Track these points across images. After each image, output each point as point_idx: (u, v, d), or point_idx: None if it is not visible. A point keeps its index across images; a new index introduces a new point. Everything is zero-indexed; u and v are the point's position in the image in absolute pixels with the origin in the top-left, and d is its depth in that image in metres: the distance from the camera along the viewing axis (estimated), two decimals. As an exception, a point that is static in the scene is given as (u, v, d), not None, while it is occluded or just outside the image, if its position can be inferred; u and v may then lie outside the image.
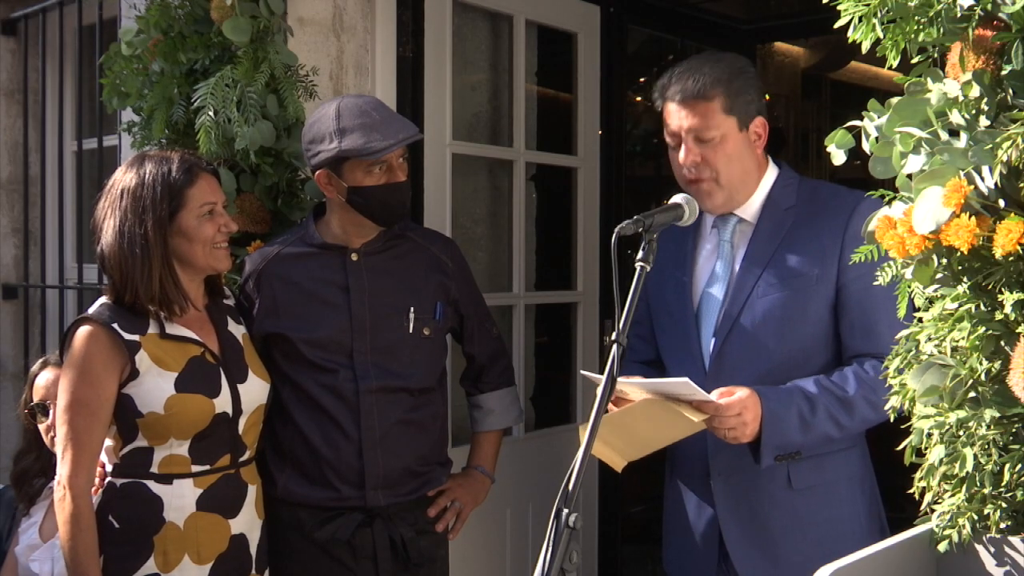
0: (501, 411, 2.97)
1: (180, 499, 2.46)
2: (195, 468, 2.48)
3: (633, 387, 2.25)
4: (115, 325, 2.44)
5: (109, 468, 2.51)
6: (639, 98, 6.23)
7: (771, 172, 2.54)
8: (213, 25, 2.99)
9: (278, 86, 2.98)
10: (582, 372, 2.43)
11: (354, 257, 2.72)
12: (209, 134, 2.85)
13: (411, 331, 2.72)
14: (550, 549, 1.73)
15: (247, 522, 2.56)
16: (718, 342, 2.46)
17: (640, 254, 2.05)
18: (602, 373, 1.89)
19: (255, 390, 2.59)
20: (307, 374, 2.69)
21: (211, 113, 2.86)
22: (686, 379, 2.16)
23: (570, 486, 1.78)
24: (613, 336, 1.93)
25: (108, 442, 2.49)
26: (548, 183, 4.31)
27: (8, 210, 4.45)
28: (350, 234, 2.74)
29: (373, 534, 2.71)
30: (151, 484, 2.47)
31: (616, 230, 2.07)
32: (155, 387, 2.44)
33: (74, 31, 4.11)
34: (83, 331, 2.45)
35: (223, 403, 2.50)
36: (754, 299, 2.43)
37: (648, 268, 2.02)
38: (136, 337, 2.46)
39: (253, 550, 2.58)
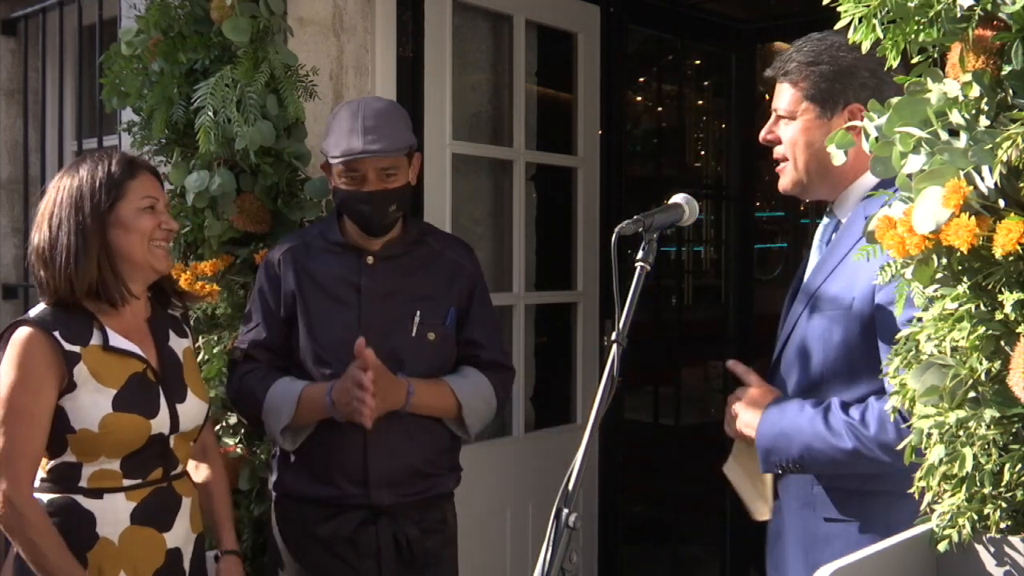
0: (470, 386, 2.77)
1: (113, 513, 2.35)
2: (126, 482, 2.36)
3: None
4: (56, 333, 2.31)
5: (36, 484, 2.36)
6: (639, 98, 6.22)
7: None
8: (213, 25, 2.99)
9: (278, 86, 2.98)
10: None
11: (370, 260, 2.72)
12: (209, 134, 2.85)
13: (414, 335, 2.72)
14: (550, 549, 1.73)
15: (182, 536, 2.46)
16: (779, 347, 2.41)
17: (640, 254, 2.05)
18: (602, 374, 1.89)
19: (193, 410, 2.48)
20: (316, 367, 2.71)
21: (211, 113, 2.86)
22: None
23: (570, 486, 1.78)
24: (613, 336, 1.93)
25: None
26: (548, 183, 4.31)
27: (8, 210, 4.45)
28: (361, 236, 2.74)
29: (377, 532, 2.71)
30: (81, 499, 2.34)
31: (616, 230, 2.06)
32: (91, 403, 2.32)
33: (74, 31, 4.11)
34: (23, 334, 2.31)
35: (160, 424, 2.39)
36: (809, 311, 2.34)
37: (648, 268, 2.02)
38: (77, 348, 2.33)
39: (187, 564, 2.48)
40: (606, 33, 4.24)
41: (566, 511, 1.74)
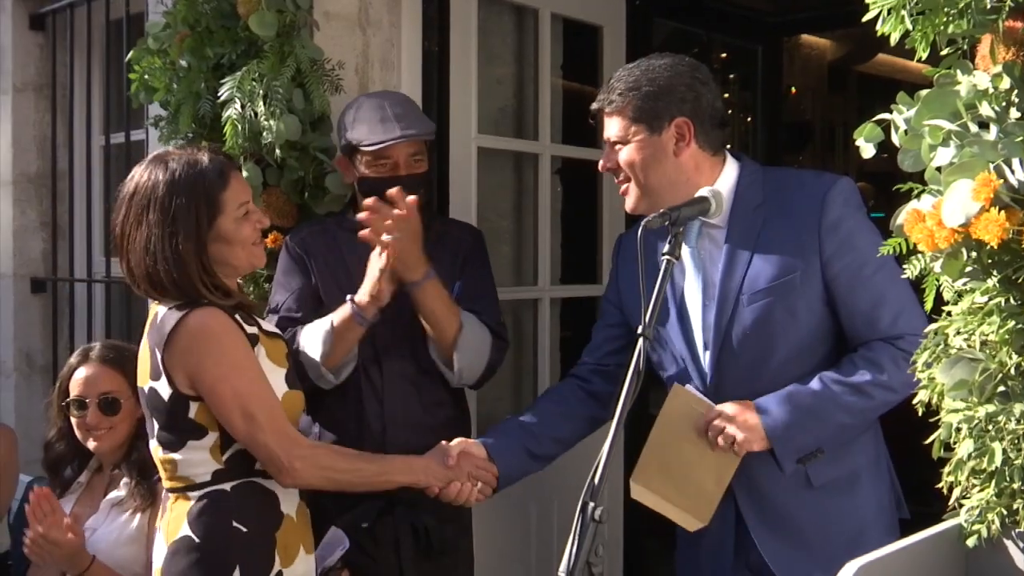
0: (473, 321, 2.76)
1: (288, 491, 2.38)
2: None
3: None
4: (237, 316, 2.31)
5: (207, 477, 2.33)
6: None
7: (730, 169, 2.47)
8: (240, 20, 3.00)
9: (304, 80, 2.99)
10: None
11: None
12: (236, 128, 2.87)
13: None
14: (576, 542, 1.73)
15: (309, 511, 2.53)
16: (713, 356, 2.41)
17: (667, 247, 2.05)
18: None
19: None
20: None
21: (238, 107, 2.88)
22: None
23: (596, 480, 1.79)
24: (640, 330, 1.93)
25: (198, 453, 2.32)
26: (573, 176, 4.30)
27: (36, 204, 4.48)
28: None
29: (395, 521, 2.73)
30: (261, 480, 2.35)
31: (642, 223, 2.07)
32: (272, 384, 2.33)
33: (101, 26, 4.13)
34: (212, 315, 2.27)
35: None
36: (740, 308, 2.36)
37: (675, 261, 2.03)
38: (254, 330, 2.35)
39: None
40: (632, 26, 4.22)
41: (592, 504, 1.75)
